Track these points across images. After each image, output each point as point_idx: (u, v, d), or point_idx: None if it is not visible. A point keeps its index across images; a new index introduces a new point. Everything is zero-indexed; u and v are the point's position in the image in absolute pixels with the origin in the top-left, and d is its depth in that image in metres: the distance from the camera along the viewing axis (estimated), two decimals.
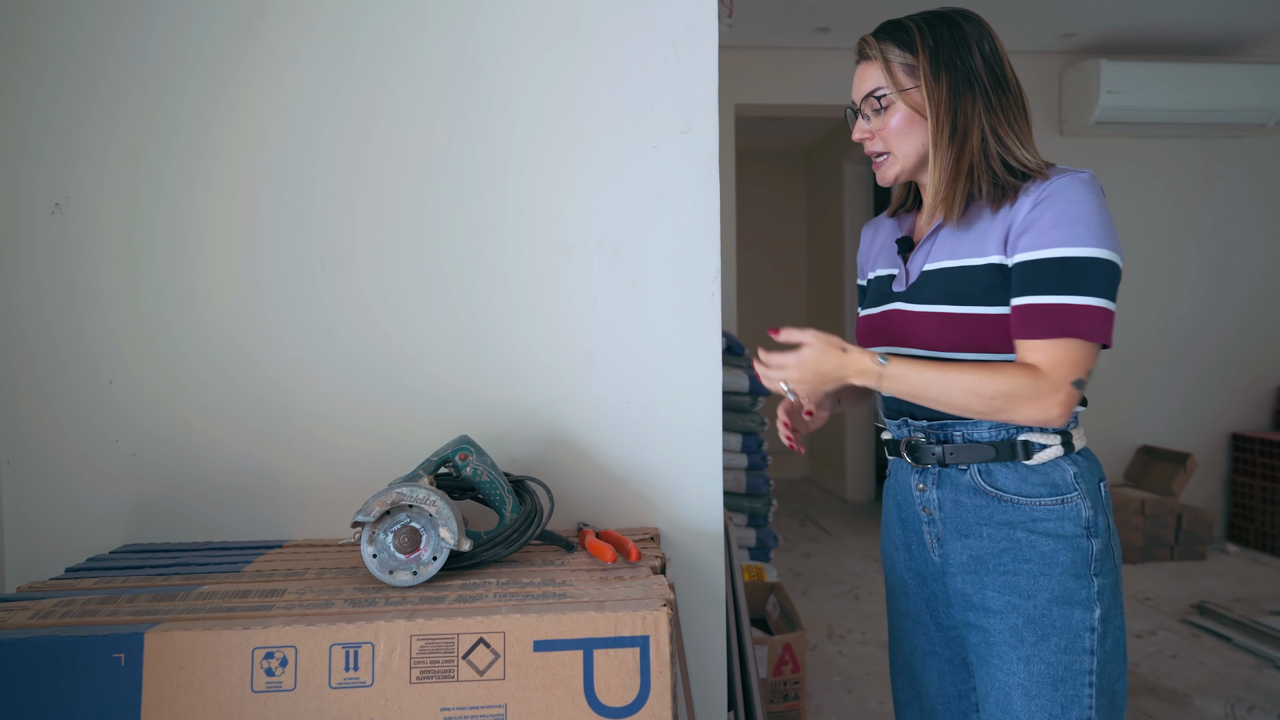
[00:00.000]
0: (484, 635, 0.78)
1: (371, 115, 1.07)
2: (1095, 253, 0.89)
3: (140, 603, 0.83)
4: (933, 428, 1.01)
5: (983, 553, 0.96)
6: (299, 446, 1.08)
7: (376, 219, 1.08)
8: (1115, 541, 0.96)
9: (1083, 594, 0.92)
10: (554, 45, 1.09)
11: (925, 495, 1.02)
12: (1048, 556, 0.93)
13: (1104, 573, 0.93)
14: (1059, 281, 0.89)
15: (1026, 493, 0.95)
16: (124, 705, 0.74)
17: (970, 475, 0.98)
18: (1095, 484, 0.95)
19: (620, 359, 1.11)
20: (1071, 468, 0.95)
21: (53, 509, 1.05)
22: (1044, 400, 0.88)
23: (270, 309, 1.07)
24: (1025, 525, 0.94)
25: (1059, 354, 0.89)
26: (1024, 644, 0.93)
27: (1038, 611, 0.93)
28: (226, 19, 1.04)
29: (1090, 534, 0.93)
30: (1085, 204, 0.90)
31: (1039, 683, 0.92)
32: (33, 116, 1.03)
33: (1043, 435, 0.95)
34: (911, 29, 0.98)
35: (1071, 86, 3.60)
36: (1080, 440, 0.97)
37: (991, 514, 0.96)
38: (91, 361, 1.05)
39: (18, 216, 1.03)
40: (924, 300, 0.99)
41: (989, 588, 0.96)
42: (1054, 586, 0.92)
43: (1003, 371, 0.90)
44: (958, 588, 0.99)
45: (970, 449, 0.97)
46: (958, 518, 0.99)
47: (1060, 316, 0.89)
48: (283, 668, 0.76)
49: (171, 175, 1.05)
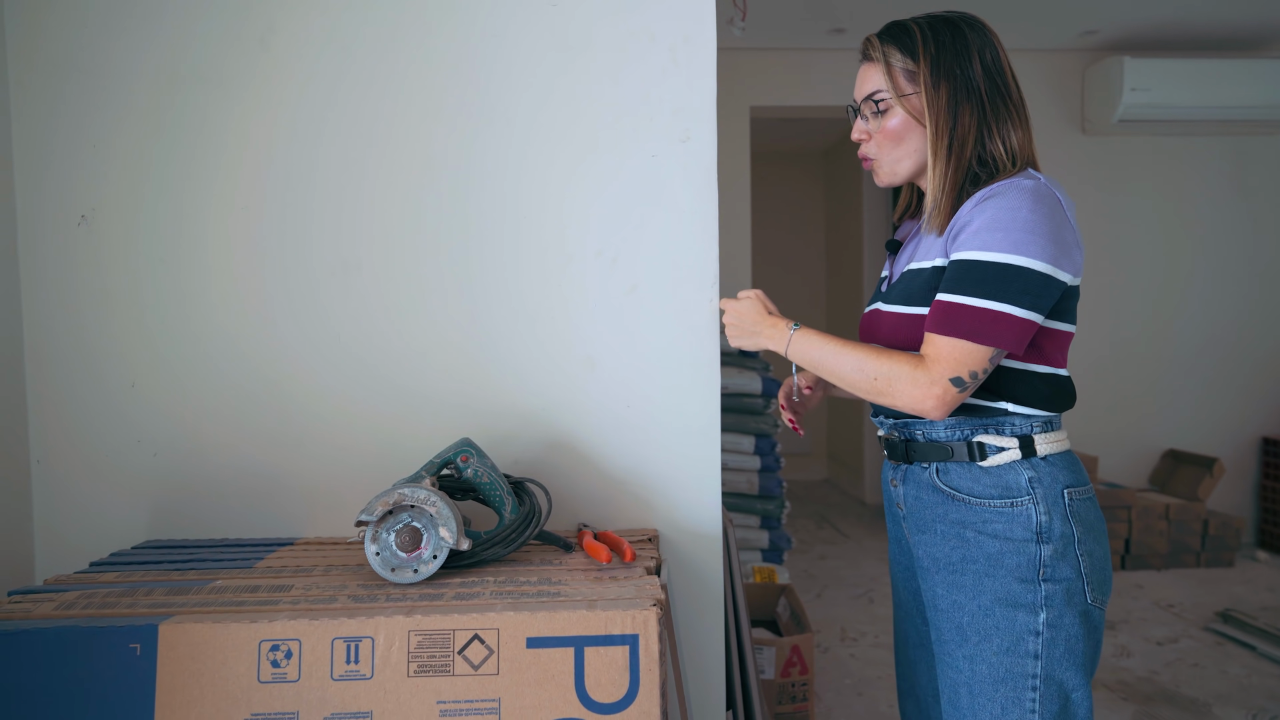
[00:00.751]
0: (479, 632, 0.81)
1: (377, 127, 1.11)
2: (1007, 259, 0.89)
3: (156, 596, 0.88)
4: (897, 425, 1.04)
5: (936, 550, 0.99)
6: (309, 448, 1.12)
7: (381, 229, 1.12)
8: (1085, 550, 0.94)
9: (1027, 598, 0.93)
10: (552, 56, 1.12)
11: (896, 491, 1.06)
12: (993, 558, 0.94)
13: (1056, 579, 0.93)
14: (963, 282, 0.91)
15: (978, 493, 0.96)
16: (139, 692, 0.78)
17: (930, 473, 1.00)
18: (1057, 490, 0.94)
19: (619, 364, 1.14)
20: (1027, 472, 0.95)
21: (79, 506, 1.11)
22: (919, 390, 0.90)
23: (280, 316, 1.11)
24: (975, 525, 0.96)
25: (945, 350, 0.90)
26: (967, 642, 0.95)
27: (981, 611, 0.94)
28: (241, 37, 1.09)
29: (1041, 539, 0.93)
30: (1015, 210, 0.90)
31: (981, 681, 0.94)
32: (62, 134, 1.08)
33: (999, 438, 0.96)
34: (915, 33, 0.99)
35: (1094, 84, 3.54)
36: (1047, 446, 0.96)
37: (946, 512, 0.98)
38: (115, 366, 1.10)
39: (47, 228, 1.09)
40: (892, 300, 1.03)
41: (939, 585, 0.98)
42: (997, 588, 0.94)
43: (892, 356, 0.93)
44: (921, 585, 1.02)
45: (929, 447, 1.00)
46: (919, 514, 1.02)
47: (953, 315, 0.90)
48: (288, 660, 0.79)
49: (188, 189, 1.10)
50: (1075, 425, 3.49)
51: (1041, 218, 0.90)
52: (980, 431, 0.97)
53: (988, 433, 0.96)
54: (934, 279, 0.97)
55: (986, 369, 0.91)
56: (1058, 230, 0.91)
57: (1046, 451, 0.97)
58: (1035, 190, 0.92)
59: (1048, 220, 0.90)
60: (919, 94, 0.97)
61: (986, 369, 0.91)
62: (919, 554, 1.02)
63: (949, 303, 0.91)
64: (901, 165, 1.02)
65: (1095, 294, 3.69)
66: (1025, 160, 0.99)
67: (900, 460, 1.04)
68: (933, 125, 0.97)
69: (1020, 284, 0.89)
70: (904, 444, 1.03)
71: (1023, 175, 0.95)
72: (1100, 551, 0.97)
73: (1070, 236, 0.94)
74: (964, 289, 0.90)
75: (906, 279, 1.01)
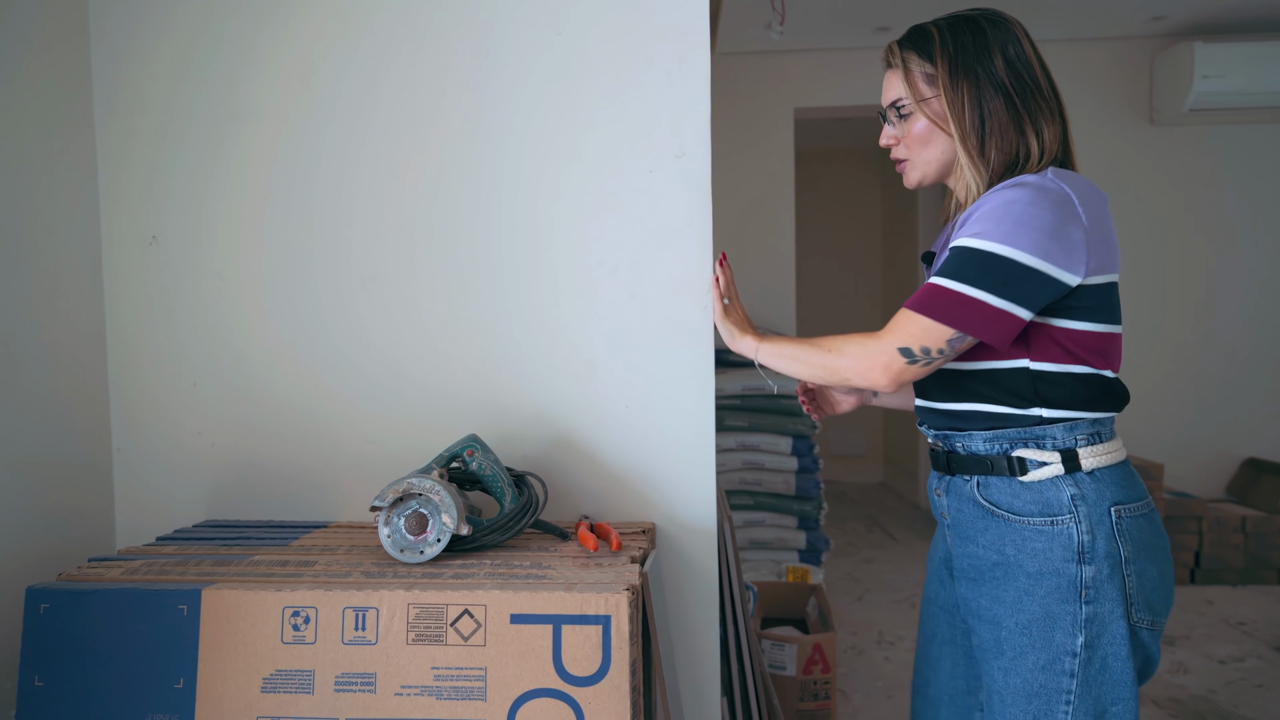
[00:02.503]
0: (469, 607, 0.91)
1: (399, 152, 1.23)
2: (993, 247, 0.89)
3: (204, 566, 1.02)
4: (938, 437, 1.04)
5: (980, 562, 0.98)
6: (343, 442, 1.25)
7: (404, 244, 1.23)
8: (1135, 570, 0.92)
9: (1066, 619, 0.91)
10: (558, 81, 1.20)
11: (940, 500, 1.05)
12: (1034, 576, 0.92)
13: (1098, 600, 0.90)
14: (946, 266, 0.92)
15: (1018, 510, 0.94)
16: (185, 646, 0.92)
17: (971, 486, 0.99)
18: (1104, 508, 0.92)
19: (619, 367, 1.22)
20: (1070, 489, 0.92)
21: (150, 488, 1.27)
22: (868, 358, 0.93)
23: (315, 324, 1.25)
24: (1015, 542, 0.94)
25: (902, 322, 0.92)
26: (1004, 655, 0.94)
27: (1019, 628, 0.93)
28: (284, 77, 1.23)
29: (1082, 559, 0.91)
30: (1009, 204, 0.89)
31: (1015, 693, 0.94)
32: (135, 165, 1.25)
33: (1039, 452, 0.94)
34: (933, 36, 0.99)
35: (1163, 72, 3.37)
36: (1094, 460, 0.93)
37: (987, 526, 0.97)
38: (179, 367, 1.26)
39: (124, 247, 1.25)
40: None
41: (983, 596, 0.97)
42: (1037, 608, 0.92)
43: (847, 335, 0.97)
44: (961, 590, 1.02)
45: (969, 460, 0.98)
46: (961, 525, 1.01)
47: (928, 295, 0.92)
48: (306, 624, 0.91)
49: (242, 211, 1.25)
50: (1141, 429, 3.35)
51: (1039, 211, 0.88)
52: (1020, 445, 0.94)
53: (1028, 446, 0.94)
54: None
55: (943, 350, 0.91)
56: (1059, 226, 0.88)
57: (1093, 465, 0.93)
58: (1039, 185, 0.90)
59: (1046, 215, 0.88)
60: (939, 97, 0.98)
61: (943, 350, 0.91)
62: (961, 565, 1.01)
63: (929, 284, 0.93)
64: (930, 167, 1.03)
65: (1168, 291, 3.51)
66: (1056, 155, 0.97)
67: (943, 471, 1.03)
68: (958, 126, 0.96)
69: (1001, 274, 0.88)
70: (946, 455, 1.01)
71: (1034, 174, 0.93)
72: (1154, 571, 0.93)
73: (1078, 235, 0.89)
74: (945, 272, 0.91)
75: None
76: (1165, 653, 2.54)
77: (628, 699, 0.88)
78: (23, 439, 1.11)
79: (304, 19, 1.22)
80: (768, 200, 3.52)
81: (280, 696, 0.91)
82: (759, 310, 3.49)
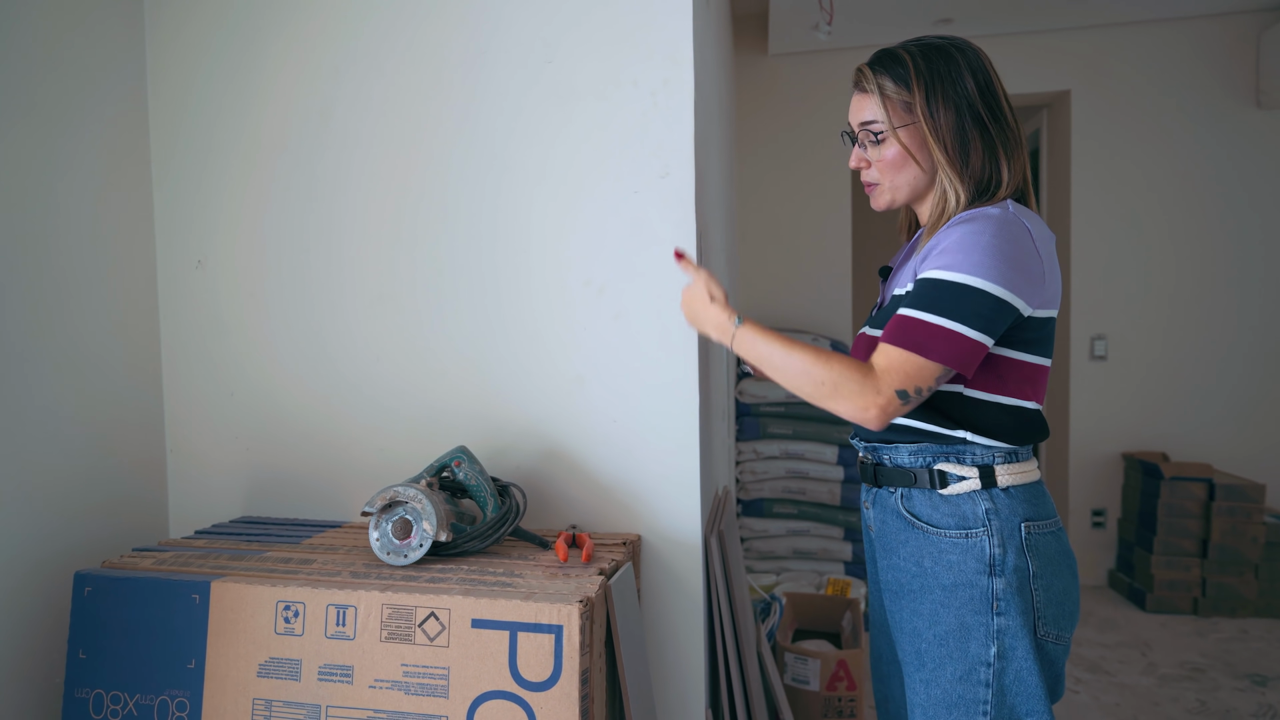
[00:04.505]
0: (435, 610, 0.97)
1: (410, 180, 1.32)
2: (963, 279, 0.89)
3: (221, 560, 1.14)
4: (868, 449, 1.06)
5: (899, 575, 1.01)
6: (358, 448, 1.36)
7: (408, 267, 1.32)
8: (1042, 584, 0.94)
9: (980, 630, 0.93)
10: (550, 108, 1.26)
11: (867, 513, 1.09)
12: (948, 589, 0.95)
13: (1008, 612, 0.93)
14: (921, 299, 0.92)
15: (936, 522, 0.97)
16: (196, 630, 1.03)
17: (896, 499, 1.02)
18: (1015, 523, 0.95)
19: (606, 383, 1.26)
20: (985, 503, 0.95)
21: (197, 486, 1.43)
22: (865, 398, 0.90)
23: (334, 340, 1.36)
24: (932, 555, 0.97)
25: (892, 360, 0.91)
26: (924, 667, 0.97)
27: (937, 640, 0.96)
28: (306, 112, 1.34)
29: (993, 572, 0.93)
30: (978, 235, 0.90)
31: (935, 705, 0.96)
32: (184, 196, 1.40)
33: (959, 466, 0.97)
34: (907, 62, 1.00)
35: (1271, 50, 3.04)
36: (1010, 478, 0.96)
37: (907, 539, 1.00)
38: (221, 378, 1.40)
39: (172, 270, 1.41)
40: (876, 325, 1.05)
41: (904, 609, 1.00)
42: (952, 619, 0.95)
43: (840, 361, 0.93)
44: (886, 604, 1.04)
45: (895, 472, 1.01)
46: (885, 538, 1.04)
47: (905, 328, 0.91)
48: (295, 618, 1.01)
49: (273, 236, 1.37)
50: (1236, 446, 3.05)
51: (1003, 243, 0.90)
52: (941, 459, 0.98)
53: (948, 461, 0.98)
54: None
55: (931, 386, 0.92)
56: (1022, 259, 0.91)
57: (1008, 483, 0.96)
58: (1002, 218, 0.93)
59: (1010, 247, 0.91)
60: (917, 124, 0.98)
61: (931, 386, 0.92)
62: (884, 577, 1.04)
63: (905, 317, 0.93)
64: (901, 192, 1.03)
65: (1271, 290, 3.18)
66: (1018, 186, 0.99)
67: (870, 483, 1.07)
68: (940, 150, 0.97)
69: (972, 305, 0.89)
70: (873, 467, 1.05)
71: (995, 205, 0.96)
72: (1060, 586, 0.96)
73: (1037, 268, 0.92)
74: (920, 304, 0.92)
75: (892, 304, 1.03)
76: (1252, 692, 2.32)
77: (577, 706, 0.93)
78: (88, 439, 1.27)
79: (322, 58, 1.33)
80: (822, 204, 3.44)
81: (273, 681, 1.01)
82: (814, 316, 3.42)
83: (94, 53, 1.29)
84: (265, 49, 1.35)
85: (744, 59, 3.38)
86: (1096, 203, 3.27)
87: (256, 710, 1.00)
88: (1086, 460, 3.30)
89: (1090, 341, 3.30)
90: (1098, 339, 3.29)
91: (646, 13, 1.21)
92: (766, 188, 3.40)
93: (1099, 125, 3.24)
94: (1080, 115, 3.26)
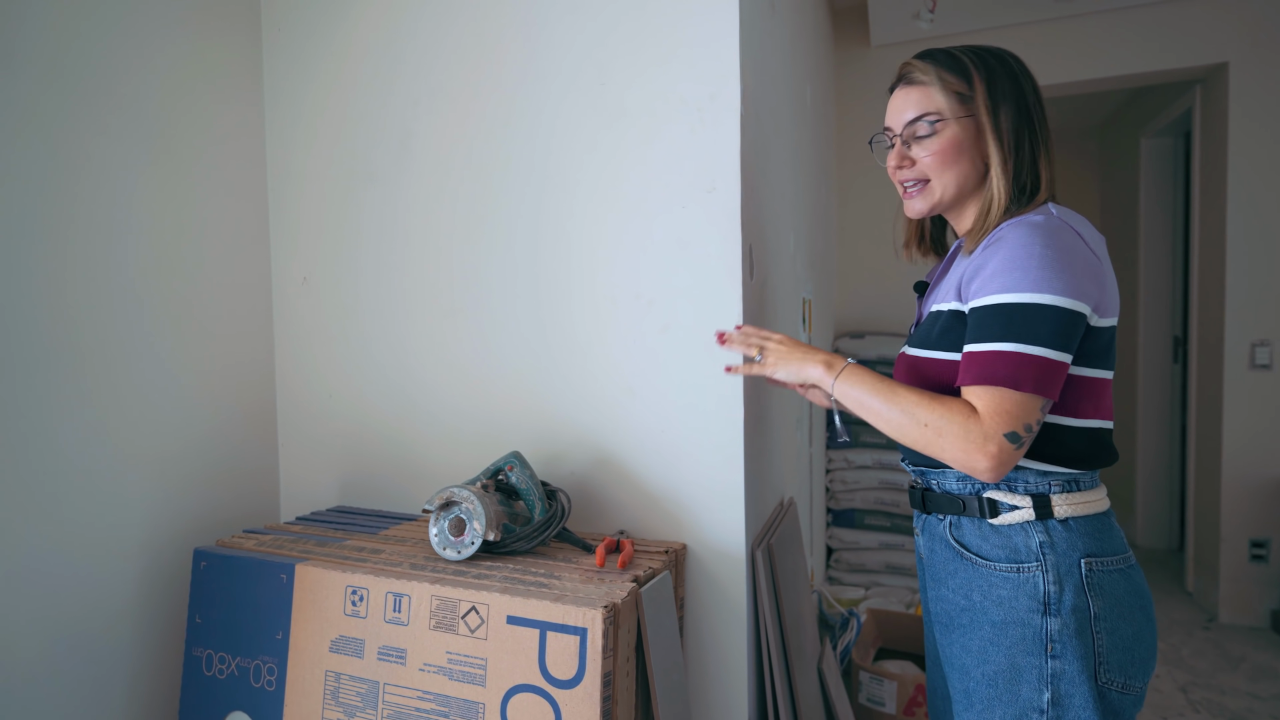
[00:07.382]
0: (476, 604, 1.05)
1: (477, 202, 1.41)
2: (1029, 298, 0.84)
3: (308, 545, 1.28)
4: (916, 472, 1.03)
5: (950, 607, 0.96)
6: (436, 447, 1.48)
7: (477, 280, 1.42)
8: (1106, 627, 0.86)
9: (1032, 673, 0.87)
10: (603, 131, 1.30)
11: (918, 540, 1.05)
12: (999, 626, 0.90)
13: (1064, 656, 0.86)
14: (989, 328, 0.86)
15: (986, 554, 0.92)
16: (283, 606, 1.18)
17: (945, 526, 0.97)
18: (1074, 559, 0.87)
19: (654, 394, 1.29)
20: (1039, 536, 0.88)
21: (301, 476, 1.61)
22: (971, 445, 0.84)
23: (415, 348, 1.48)
24: (982, 588, 0.92)
25: (990, 402, 0.84)
26: (972, 707, 0.92)
27: (985, 680, 0.91)
28: (388, 140, 1.48)
29: (1048, 612, 0.86)
30: (1026, 248, 0.85)
31: None
32: (289, 219, 1.59)
33: (1010, 495, 0.91)
34: (963, 59, 0.98)
35: None
36: (1068, 508, 0.89)
37: (957, 570, 0.95)
38: (322, 382, 1.58)
39: (281, 287, 1.60)
40: (914, 343, 1.01)
41: (953, 644, 0.95)
42: (1002, 659, 0.89)
43: (947, 404, 0.87)
44: (936, 635, 1.00)
45: (943, 499, 0.97)
46: (934, 567, 1.00)
47: (984, 363, 0.85)
48: (360, 602, 1.13)
49: (364, 256, 1.52)
50: None
51: (1057, 252, 0.85)
52: (991, 486, 0.92)
53: (999, 488, 0.92)
54: (950, 322, 0.95)
55: (1039, 419, 0.85)
56: (1079, 265, 0.86)
57: (1067, 514, 0.89)
58: (1047, 225, 0.87)
59: (1064, 255, 0.85)
60: (975, 117, 0.96)
61: (1039, 419, 0.85)
62: (934, 609, 1.00)
63: (980, 352, 0.86)
64: (949, 190, 0.99)
65: None
66: (1051, 192, 0.95)
67: (920, 509, 1.03)
68: (996, 144, 0.95)
69: (1049, 323, 0.83)
70: (922, 492, 1.02)
71: (1035, 211, 0.91)
72: (1129, 630, 0.88)
73: (1096, 271, 0.87)
74: (992, 335, 0.85)
75: (929, 321, 1.00)
76: None
77: (599, 706, 0.97)
78: (214, 435, 1.48)
79: (407, 86, 1.46)
80: None
81: (341, 657, 1.13)
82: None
83: (221, 106, 1.49)
84: (356, 79, 1.50)
85: (846, 53, 3.27)
86: (1258, 191, 2.87)
87: (328, 681, 1.13)
88: (1243, 483, 2.91)
89: (1250, 348, 2.90)
90: (1260, 345, 2.89)
91: (693, 30, 1.23)
92: (867, 184, 3.28)
93: (1262, 103, 2.84)
94: (1240, 91, 2.87)
